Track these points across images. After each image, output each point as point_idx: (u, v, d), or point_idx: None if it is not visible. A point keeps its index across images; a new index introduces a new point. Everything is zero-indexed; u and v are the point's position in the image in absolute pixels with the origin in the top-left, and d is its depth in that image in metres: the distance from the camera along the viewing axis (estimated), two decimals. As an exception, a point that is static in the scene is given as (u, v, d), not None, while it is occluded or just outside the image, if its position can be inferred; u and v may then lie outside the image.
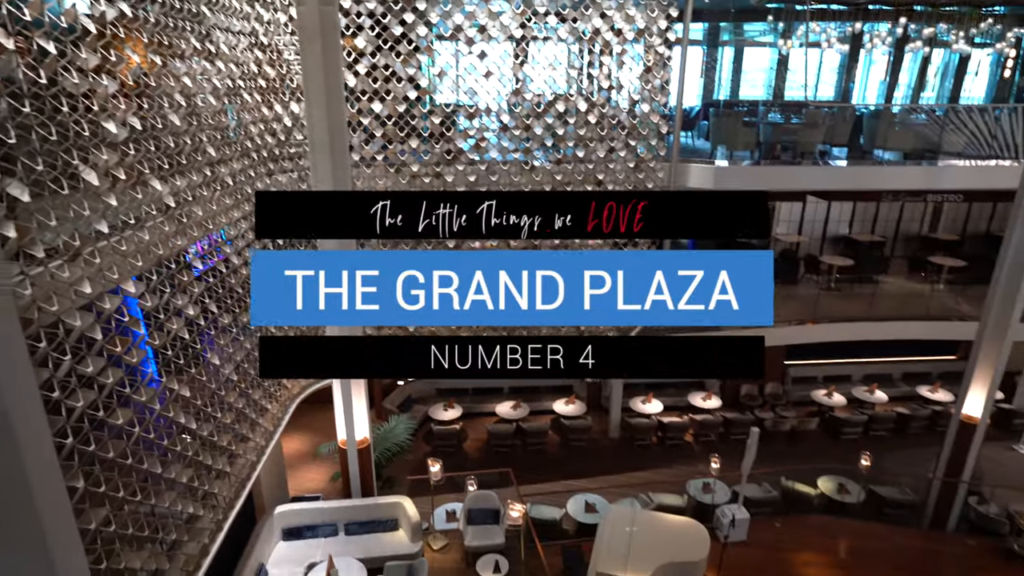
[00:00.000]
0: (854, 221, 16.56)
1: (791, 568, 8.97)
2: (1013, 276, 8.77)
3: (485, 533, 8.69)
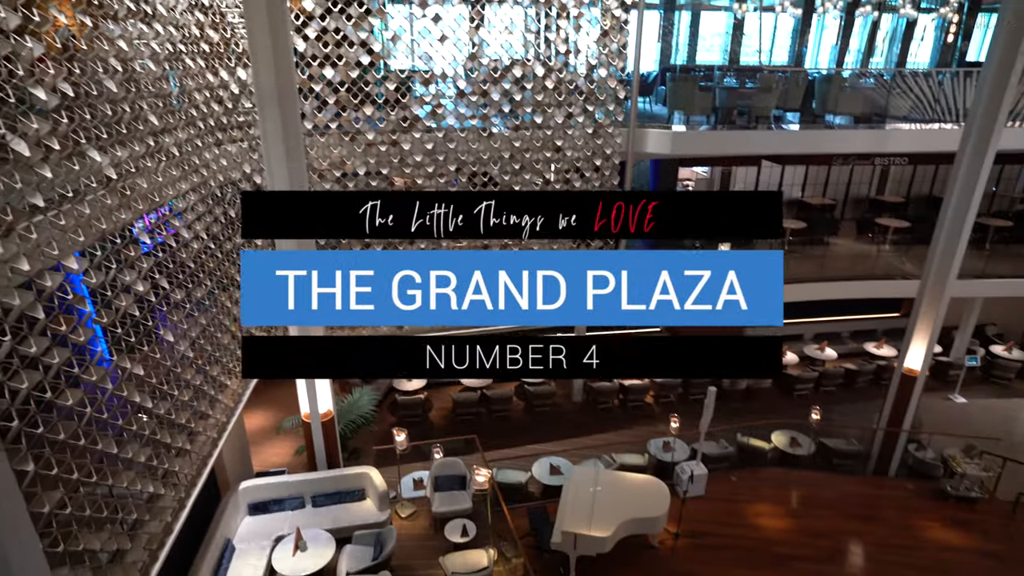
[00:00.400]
0: (807, 185, 17.00)
1: (746, 519, 9.42)
2: (951, 236, 9.19)
3: (452, 499, 8.83)
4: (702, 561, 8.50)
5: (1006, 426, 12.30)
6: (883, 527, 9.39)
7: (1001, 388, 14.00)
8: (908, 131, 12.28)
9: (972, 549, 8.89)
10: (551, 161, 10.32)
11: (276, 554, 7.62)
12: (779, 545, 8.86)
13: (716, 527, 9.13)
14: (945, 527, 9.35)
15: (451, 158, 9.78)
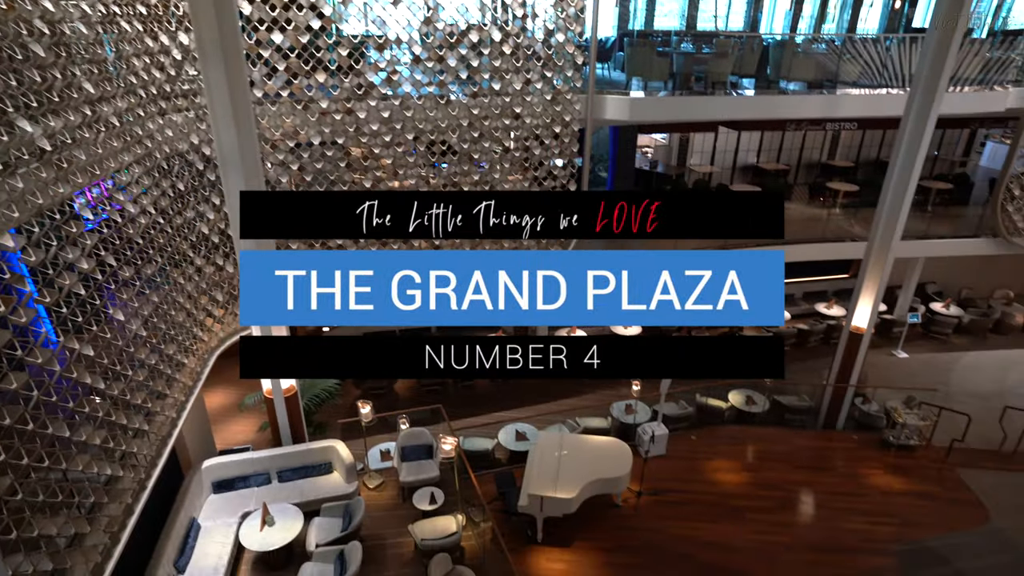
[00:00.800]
0: (761, 151, 17.31)
1: (705, 474, 9.80)
2: (896, 199, 9.53)
3: (419, 468, 8.91)
4: (664, 517, 8.84)
5: (943, 378, 13.05)
6: (831, 476, 9.92)
7: (940, 343, 14.77)
8: (857, 96, 12.57)
9: (911, 492, 9.49)
10: (510, 128, 10.22)
11: (243, 530, 7.58)
12: (736, 498, 9.28)
13: (677, 484, 9.48)
14: (887, 473, 9.93)
15: (408, 126, 9.59)
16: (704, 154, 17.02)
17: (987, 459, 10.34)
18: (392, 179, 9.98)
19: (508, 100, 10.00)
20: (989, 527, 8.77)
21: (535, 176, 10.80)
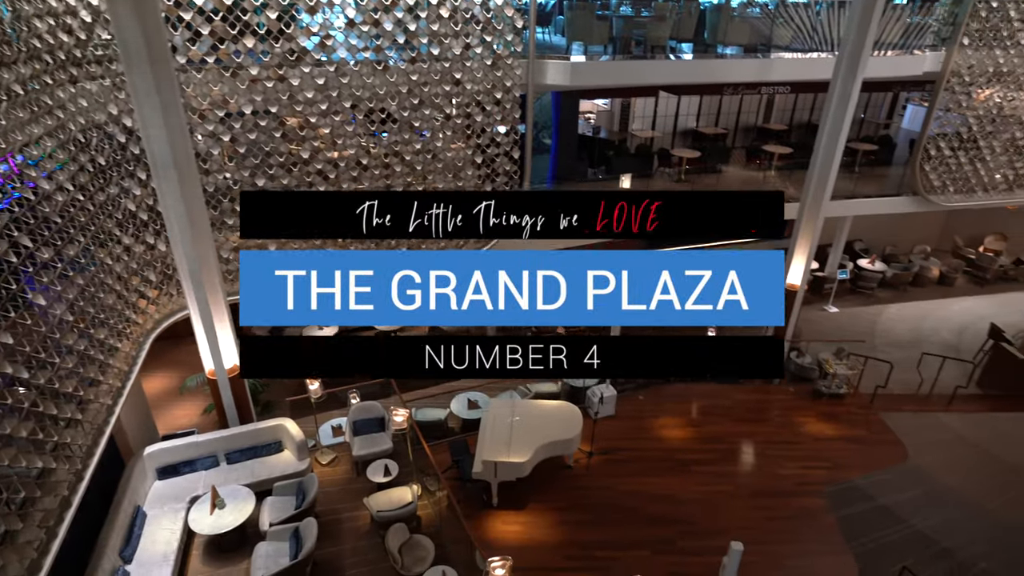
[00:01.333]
0: (701, 115, 17.62)
1: (652, 432, 10.19)
2: (826, 160, 9.93)
3: (372, 441, 8.89)
4: (614, 475, 9.16)
5: (869, 330, 13.90)
6: (769, 427, 10.49)
7: (866, 297, 15.68)
8: (790, 60, 12.91)
9: (840, 437, 10.16)
10: (451, 95, 10.02)
11: (192, 515, 7.41)
12: (682, 452, 9.70)
13: (626, 442, 9.83)
14: (819, 421, 10.58)
15: (345, 94, 9.25)
16: (645, 119, 17.19)
17: (906, 402, 11.16)
18: (331, 149, 9.66)
19: (448, 66, 9.77)
20: (907, 464, 9.51)
21: (478, 144, 10.67)
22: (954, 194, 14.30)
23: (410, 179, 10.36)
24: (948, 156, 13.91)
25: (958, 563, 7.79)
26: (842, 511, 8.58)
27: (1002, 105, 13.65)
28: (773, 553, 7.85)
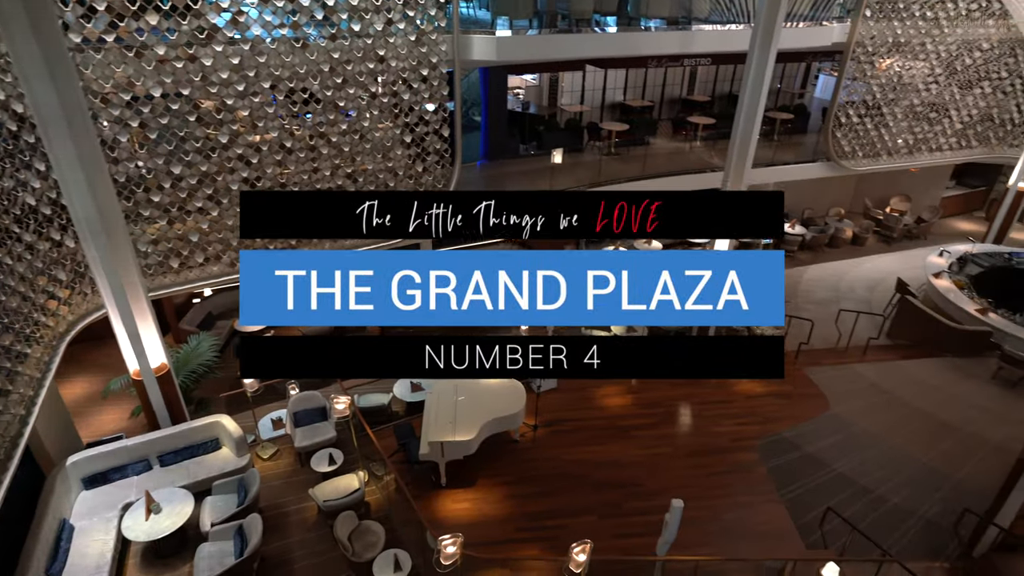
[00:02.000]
0: (627, 88, 17.89)
1: (594, 402, 10.44)
2: (746, 130, 10.29)
3: (314, 431, 8.72)
4: (559, 445, 9.37)
5: (792, 290, 14.69)
6: (704, 389, 10.94)
7: (788, 259, 16.52)
8: (710, 32, 13.25)
9: (769, 393, 10.75)
10: (376, 73, 9.73)
11: (126, 522, 7.07)
12: (623, 419, 10.01)
13: (569, 413, 10.05)
14: (750, 380, 11.14)
15: (263, 74, 8.83)
16: (574, 93, 17.31)
17: (827, 356, 11.91)
18: (251, 132, 9.22)
19: (370, 42, 9.47)
20: (828, 414, 10.19)
21: (407, 123, 10.45)
22: (863, 159, 15.20)
23: (338, 161, 10.05)
24: (856, 123, 14.74)
25: (874, 499, 8.46)
26: (772, 462, 9.12)
27: (901, 74, 14.54)
28: (712, 507, 8.27)
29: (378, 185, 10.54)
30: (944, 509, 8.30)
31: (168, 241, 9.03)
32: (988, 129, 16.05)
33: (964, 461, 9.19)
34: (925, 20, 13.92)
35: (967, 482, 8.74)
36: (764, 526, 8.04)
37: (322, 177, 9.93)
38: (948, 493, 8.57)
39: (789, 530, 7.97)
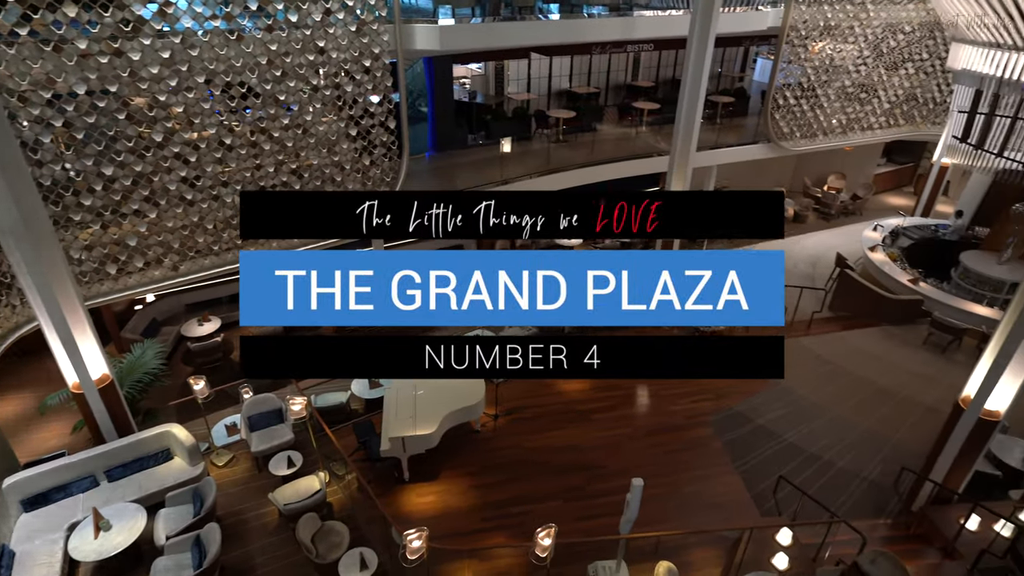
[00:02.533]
0: (573, 75, 17.98)
1: (553, 388, 10.54)
2: (689, 114, 10.53)
3: (271, 435, 8.52)
4: (520, 433, 9.45)
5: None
6: (659, 368, 11.20)
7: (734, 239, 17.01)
8: (651, 18, 13.43)
9: (721, 370, 11.07)
10: (316, 65, 9.48)
11: (73, 542, 6.75)
12: (582, 404, 10.16)
13: (528, 401, 10.13)
14: (702, 358, 11.45)
15: (197, 68, 8.48)
16: (520, 82, 17.29)
17: (773, 332, 12.35)
18: (188, 129, 8.86)
19: (309, 33, 9.21)
20: (778, 386, 10.60)
21: (351, 115, 10.24)
22: (800, 139, 15.76)
23: (281, 157, 9.78)
24: (793, 105, 15.25)
25: (822, 465, 8.87)
26: (726, 436, 9.44)
27: (833, 56, 15.10)
28: (671, 483, 8.51)
29: (324, 180, 10.30)
30: (885, 470, 8.78)
31: (103, 246, 8.61)
32: (913, 108, 16.87)
33: (901, 423, 9.74)
34: (852, 4, 14.48)
35: (904, 443, 9.27)
36: (721, 498, 8.32)
37: (266, 174, 9.64)
38: (888, 454, 9.07)
39: (745, 500, 8.28)
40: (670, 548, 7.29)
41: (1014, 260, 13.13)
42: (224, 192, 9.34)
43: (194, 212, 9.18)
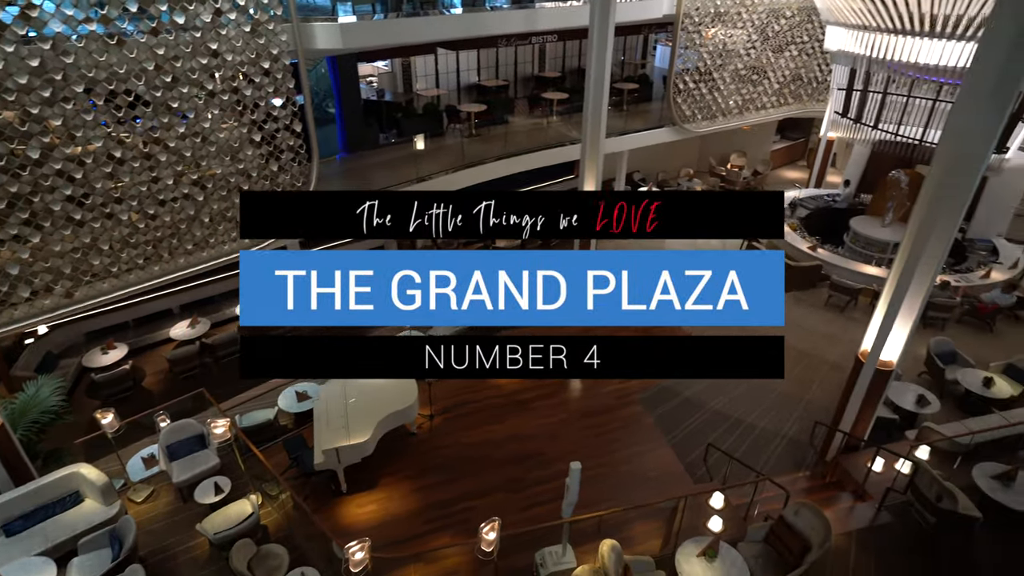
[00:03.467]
0: (481, 69, 17.97)
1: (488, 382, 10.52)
2: (596, 102, 10.78)
3: (194, 462, 8.04)
4: (459, 429, 9.42)
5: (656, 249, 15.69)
6: (588, 352, 11.47)
7: (649, 221, 17.61)
8: (553, 10, 13.61)
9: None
10: (210, 69, 8.96)
11: (-27, 606, 6.13)
12: (519, 394, 10.25)
13: (464, 397, 10.11)
14: (628, 338, 11.82)
15: (73, 76, 7.80)
16: (428, 77, 17.10)
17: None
18: (69, 144, 8.14)
19: (199, 35, 8.68)
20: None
21: (253, 120, 9.77)
22: (702, 121, 16.50)
23: (180, 168, 9.19)
24: (693, 89, 15.93)
25: (745, 428, 9.41)
26: (656, 411, 9.81)
27: (725, 41, 15.89)
28: (608, 463, 8.76)
29: (230, 189, 9.79)
30: (801, 426, 9.42)
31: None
32: (799, 87, 18.05)
33: (811, 382, 10.47)
34: (739, -9, 15.28)
35: (816, 399, 9.99)
36: (656, 471, 8.65)
37: (165, 187, 9.04)
38: (802, 412, 9.74)
39: (678, 471, 8.65)
40: (612, 526, 7.50)
41: (895, 222, 14.37)
42: (118, 209, 8.68)
43: (85, 233, 8.47)
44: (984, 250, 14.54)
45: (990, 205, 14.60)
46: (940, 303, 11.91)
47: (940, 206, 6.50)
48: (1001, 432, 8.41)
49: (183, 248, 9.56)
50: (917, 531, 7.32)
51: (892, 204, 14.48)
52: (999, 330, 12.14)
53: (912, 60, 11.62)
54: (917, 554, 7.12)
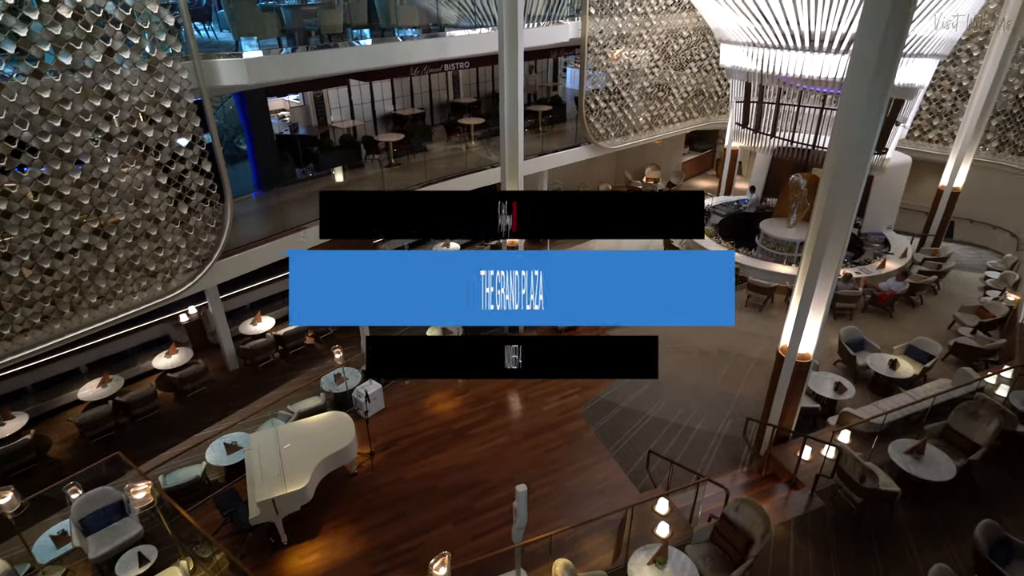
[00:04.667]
0: (396, 98, 17.96)
1: (425, 412, 10.38)
2: (511, 125, 10.97)
3: (114, 533, 7.41)
4: (400, 465, 9.17)
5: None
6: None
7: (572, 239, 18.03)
8: (462, 37, 13.82)
9: (582, 362, 11.65)
10: (104, 111, 8.48)
11: None
12: (457, 421, 10.12)
13: (403, 431, 9.87)
14: (563, 354, 11.96)
15: (-54, 126, 7.18)
16: (343, 109, 16.92)
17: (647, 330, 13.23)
18: (-56, 199, 7.46)
19: (90, 76, 8.21)
20: (634, 367, 11.38)
21: (158, 162, 9.30)
22: (615, 138, 17.14)
23: (77, 217, 8.60)
24: (604, 107, 16.55)
25: (683, 432, 9.68)
26: (598, 424, 9.94)
27: (630, 62, 16.65)
28: (554, 481, 8.76)
29: (136, 236, 9.24)
30: (734, 424, 9.79)
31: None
32: (702, 102, 19.12)
33: (739, 380, 10.94)
34: (638, 15, 16.09)
35: (745, 396, 10.42)
36: (602, 484, 8.73)
37: (61, 238, 8.42)
38: (734, 409, 10.14)
39: (623, 481, 8.77)
40: (564, 544, 7.49)
41: (800, 222, 15.38)
42: (7, 266, 7.99)
43: (-31, 295, 7.76)
44: (877, 242, 15.80)
45: (878, 201, 15.90)
46: (845, 295, 12.79)
47: (835, 205, 7.00)
48: (909, 409, 9.07)
49: (86, 302, 8.91)
50: (847, 511, 7.73)
51: (795, 206, 15.49)
52: (897, 315, 13.16)
53: (797, 73, 12.56)
54: (848, 531, 7.51)
